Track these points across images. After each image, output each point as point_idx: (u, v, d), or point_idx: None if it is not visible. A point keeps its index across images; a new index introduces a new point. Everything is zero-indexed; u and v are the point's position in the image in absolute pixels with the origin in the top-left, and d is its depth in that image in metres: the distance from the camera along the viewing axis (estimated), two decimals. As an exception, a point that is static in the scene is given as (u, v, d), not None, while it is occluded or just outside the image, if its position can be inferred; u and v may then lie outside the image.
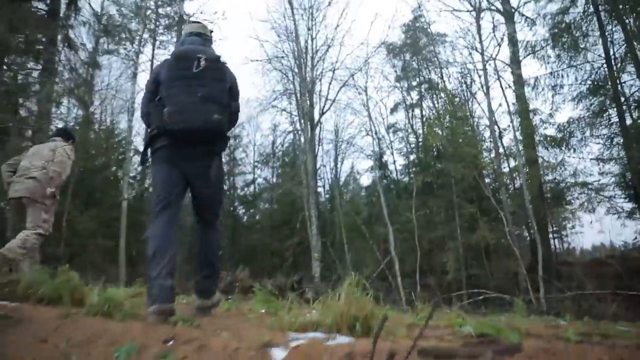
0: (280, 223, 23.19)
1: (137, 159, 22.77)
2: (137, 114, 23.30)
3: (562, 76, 14.47)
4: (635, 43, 13.14)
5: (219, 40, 23.79)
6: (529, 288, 10.52)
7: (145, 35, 21.61)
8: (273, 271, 25.16)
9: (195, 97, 2.49)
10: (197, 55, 2.60)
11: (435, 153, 13.70)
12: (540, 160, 13.63)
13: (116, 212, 16.36)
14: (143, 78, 19.25)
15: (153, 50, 22.43)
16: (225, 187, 26.75)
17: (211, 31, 3.10)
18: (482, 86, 14.88)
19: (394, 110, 23.24)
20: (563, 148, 13.57)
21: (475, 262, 12.58)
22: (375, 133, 20.97)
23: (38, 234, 4.42)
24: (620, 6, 13.15)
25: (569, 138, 13.52)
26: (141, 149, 4.87)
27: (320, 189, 23.94)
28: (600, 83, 13.94)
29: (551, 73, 14.67)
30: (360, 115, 20.71)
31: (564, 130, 13.70)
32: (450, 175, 12.83)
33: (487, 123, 14.54)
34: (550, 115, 14.15)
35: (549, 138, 13.80)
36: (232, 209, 26.29)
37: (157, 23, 22.14)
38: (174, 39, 21.33)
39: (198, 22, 3.15)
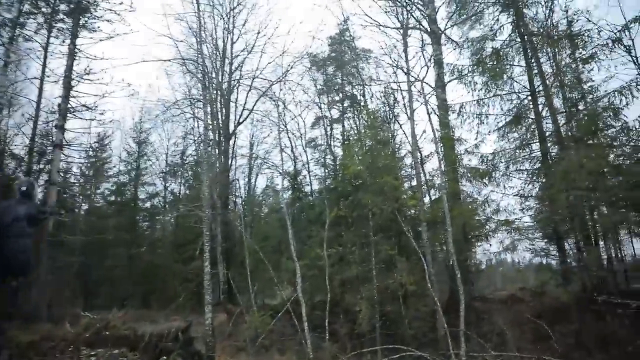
0: (184, 242, 20.62)
1: None
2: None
3: (488, 105, 13.55)
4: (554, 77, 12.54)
5: (124, 35, 21.05)
6: (449, 343, 9.11)
7: (40, 19, 18.64)
8: (174, 297, 22.54)
9: None
10: None
11: (352, 181, 12.04)
12: (463, 194, 12.58)
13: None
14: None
15: (48, 38, 19.28)
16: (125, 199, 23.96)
17: None
18: (405, 108, 13.65)
19: (314, 124, 21.73)
20: (486, 181, 12.57)
21: (391, 307, 11.01)
22: (292, 150, 19.26)
23: None
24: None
25: (492, 171, 12.54)
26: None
27: (236, 203, 21.83)
28: (523, 114, 13.17)
29: (477, 101, 13.71)
30: (276, 130, 18.90)
31: (488, 163, 12.72)
32: (367, 208, 11.24)
33: (409, 149, 13.27)
34: (476, 145, 13.12)
35: (473, 170, 12.72)
36: (132, 222, 23.30)
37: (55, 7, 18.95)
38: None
39: None
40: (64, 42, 18.72)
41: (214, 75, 19.22)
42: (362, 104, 18.78)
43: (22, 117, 20.02)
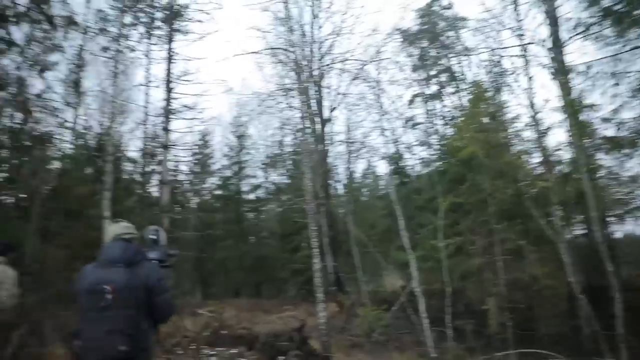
0: (289, 232, 20.68)
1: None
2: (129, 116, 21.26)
3: (624, 61, 11.30)
4: None
5: (214, 33, 21.35)
6: (600, 347, 7.69)
7: (141, 30, 19.65)
8: (284, 286, 22.85)
9: (102, 332, 2.63)
10: (102, 287, 2.67)
11: (465, 163, 10.74)
12: (601, 169, 10.70)
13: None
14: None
15: (148, 46, 20.26)
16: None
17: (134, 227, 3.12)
18: (517, 76, 11.98)
19: (412, 102, 20.46)
20: (629, 152, 10.52)
21: (523, 303, 9.68)
22: (391, 131, 18.25)
23: None
24: None
25: (637, 140, 10.45)
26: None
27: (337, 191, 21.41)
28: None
29: (608, 57, 11.54)
30: (373, 111, 17.94)
31: (630, 130, 10.62)
32: (486, 192, 9.96)
33: (528, 122, 11.62)
34: (613, 111, 11.00)
35: (610, 140, 10.73)
36: (239, 214, 23.95)
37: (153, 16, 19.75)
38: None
39: (120, 221, 3.15)
40: (162, 47, 19.63)
41: (305, 62, 18.76)
42: (463, 76, 17.19)
43: (134, 123, 21.41)
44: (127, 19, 18.65)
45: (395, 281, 14.32)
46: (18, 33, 11.39)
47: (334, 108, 20.54)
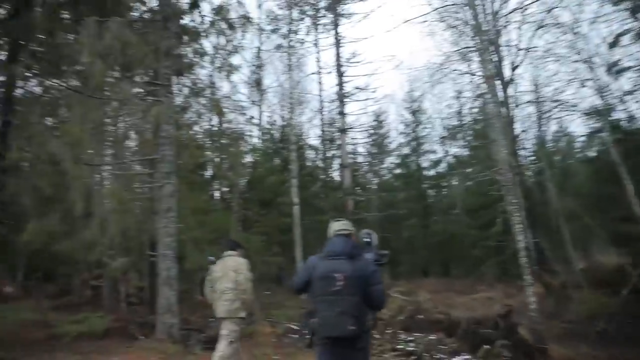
0: (476, 207, 19.08)
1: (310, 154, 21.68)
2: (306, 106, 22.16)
3: None
4: None
5: (378, 9, 20.76)
6: None
7: (308, 22, 20.28)
8: (475, 265, 21.33)
9: (334, 312, 3.02)
10: (334, 275, 3.09)
11: None
12: None
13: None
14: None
15: (316, 36, 20.81)
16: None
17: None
18: None
19: (615, 44, 16.73)
20: None
21: None
22: (594, 81, 15.15)
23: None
24: None
25: None
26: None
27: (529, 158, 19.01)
28: None
29: None
30: (567, 61, 15.10)
31: None
32: None
33: None
34: None
35: None
36: (420, 192, 23.15)
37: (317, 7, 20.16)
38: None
39: (340, 220, 3.62)
40: (329, 35, 19.89)
41: (480, 18, 16.84)
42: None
43: (311, 111, 22.34)
44: (295, 14, 19.37)
45: (615, 258, 11.87)
46: (206, 42, 12.50)
47: (516, 66, 18.11)
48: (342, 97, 18.55)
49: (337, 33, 18.87)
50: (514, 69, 18.28)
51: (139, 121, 7.79)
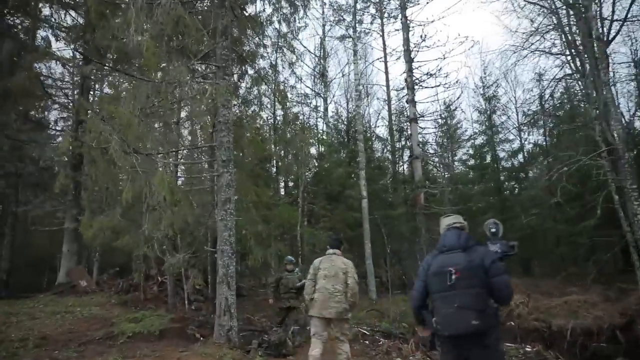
0: (566, 198, 16.95)
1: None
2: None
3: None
4: None
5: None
6: None
7: (372, 10, 19.18)
8: (560, 264, 19.08)
9: (452, 308, 2.85)
10: (448, 270, 2.92)
11: None
12: None
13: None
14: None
15: (382, 22, 19.63)
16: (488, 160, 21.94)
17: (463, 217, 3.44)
18: None
19: None
20: None
21: None
22: None
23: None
24: None
25: None
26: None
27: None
28: None
29: None
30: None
31: None
32: None
33: None
34: None
35: None
36: (497, 185, 21.15)
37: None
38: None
39: (450, 215, 3.44)
40: (395, 19, 18.69)
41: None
42: None
43: (379, 101, 21.15)
44: (359, 4, 18.34)
45: None
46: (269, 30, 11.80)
47: (611, 40, 15.81)
48: (411, 84, 17.23)
49: (405, 16, 17.55)
50: (609, 41, 16.09)
51: (194, 105, 7.12)
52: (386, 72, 20.52)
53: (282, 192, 17.67)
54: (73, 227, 13.49)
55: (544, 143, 20.65)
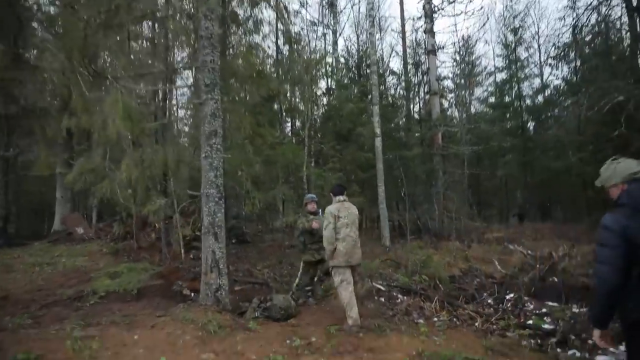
0: (593, 139, 15.37)
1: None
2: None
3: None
4: None
5: None
6: None
7: None
8: (585, 208, 17.71)
9: None
10: None
11: None
12: None
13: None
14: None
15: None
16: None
17: None
18: None
19: None
20: None
21: None
22: None
23: None
24: None
25: None
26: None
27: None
28: None
29: None
30: None
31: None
32: None
33: None
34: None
35: None
36: (520, 124, 19.48)
37: None
38: None
39: (629, 159, 2.38)
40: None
41: None
42: None
43: (394, 33, 19.12)
44: None
45: None
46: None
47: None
48: (430, 11, 15.26)
49: None
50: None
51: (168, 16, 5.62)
52: (401, 2, 18.46)
53: (290, 133, 16.28)
54: (65, 173, 12.40)
55: (574, 77, 18.68)
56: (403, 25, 18.22)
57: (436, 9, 15.58)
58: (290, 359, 3.66)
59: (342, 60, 17.52)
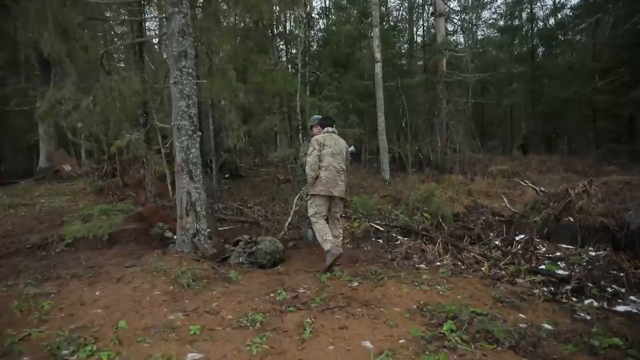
0: (608, 65, 14.26)
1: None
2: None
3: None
4: None
5: None
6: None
7: None
8: (593, 140, 16.89)
9: None
10: None
11: None
12: None
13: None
14: None
15: None
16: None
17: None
18: None
19: None
20: None
21: None
22: None
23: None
24: None
25: None
26: None
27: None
28: None
29: None
30: None
31: None
32: None
33: None
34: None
35: None
36: (530, 50, 18.15)
37: None
38: None
39: None
40: None
41: None
42: None
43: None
44: None
45: None
46: None
47: None
48: None
49: None
50: None
51: None
52: None
53: (285, 61, 15.13)
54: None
55: None
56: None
57: None
58: (272, 317, 3.10)
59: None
